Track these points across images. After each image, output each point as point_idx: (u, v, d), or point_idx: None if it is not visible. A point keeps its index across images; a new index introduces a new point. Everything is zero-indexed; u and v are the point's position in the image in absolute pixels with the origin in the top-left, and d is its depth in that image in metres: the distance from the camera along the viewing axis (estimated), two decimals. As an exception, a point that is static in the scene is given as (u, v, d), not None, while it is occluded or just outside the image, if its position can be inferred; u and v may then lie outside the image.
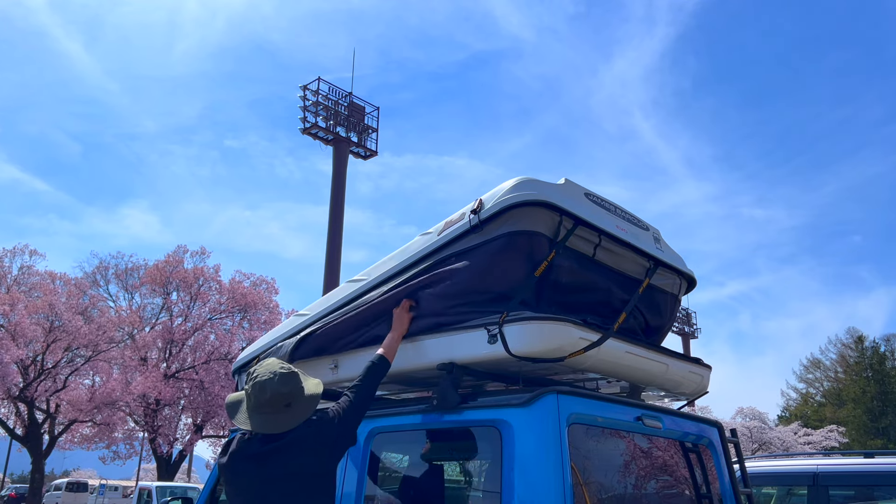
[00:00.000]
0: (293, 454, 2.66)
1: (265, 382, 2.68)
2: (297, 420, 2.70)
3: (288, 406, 2.70)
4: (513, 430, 2.64)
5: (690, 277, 3.66)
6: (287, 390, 2.69)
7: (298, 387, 2.74)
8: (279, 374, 2.71)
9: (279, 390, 2.68)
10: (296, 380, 2.74)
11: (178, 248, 29.44)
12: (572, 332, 2.78)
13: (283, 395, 2.68)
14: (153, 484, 22.92)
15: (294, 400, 2.71)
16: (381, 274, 3.37)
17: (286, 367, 2.77)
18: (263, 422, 2.69)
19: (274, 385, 2.68)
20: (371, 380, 2.96)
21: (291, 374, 2.74)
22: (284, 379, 2.71)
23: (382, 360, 3.02)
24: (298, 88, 28.42)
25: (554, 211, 2.94)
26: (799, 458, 6.05)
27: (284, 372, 2.73)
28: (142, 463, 34.27)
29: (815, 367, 56.54)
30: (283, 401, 2.69)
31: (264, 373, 2.72)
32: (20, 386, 24.12)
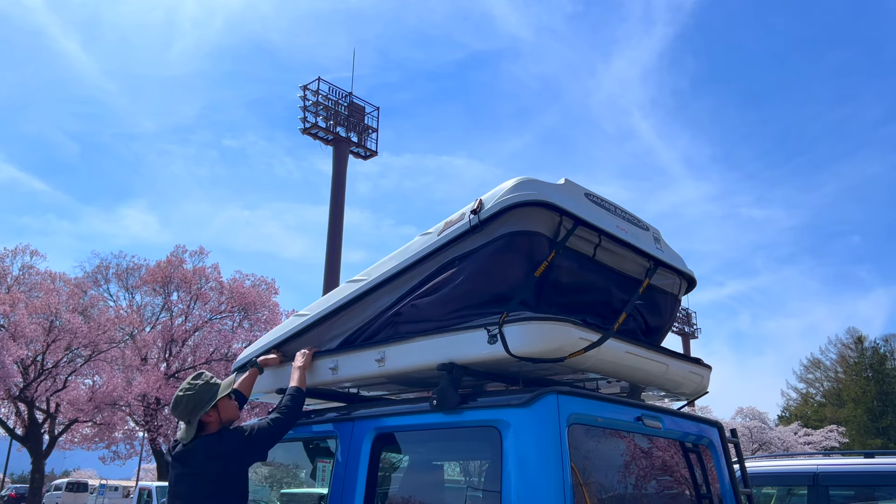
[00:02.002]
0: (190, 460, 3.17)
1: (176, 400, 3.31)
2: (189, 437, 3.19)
3: (188, 423, 3.21)
4: (513, 431, 2.64)
5: (690, 277, 3.66)
6: (177, 412, 3.25)
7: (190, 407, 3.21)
8: (174, 398, 3.27)
9: (174, 413, 3.27)
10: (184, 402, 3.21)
11: (178, 247, 29.47)
12: (572, 333, 2.78)
13: (177, 417, 3.27)
14: (153, 484, 22.94)
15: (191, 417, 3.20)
16: (381, 274, 3.37)
17: (185, 388, 3.24)
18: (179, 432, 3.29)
19: (171, 407, 3.33)
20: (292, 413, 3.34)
21: (182, 397, 3.22)
22: (174, 403, 3.25)
23: (298, 390, 3.42)
24: (298, 88, 28.46)
25: (554, 211, 2.94)
26: (799, 458, 6.05)
27: (178, 395, 3.24)
28: (142, 463, 34.28)
29: (815, 367, 56.58)
30: (183, 419, 3.25)
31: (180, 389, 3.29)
32: (20, 386, 24.13)
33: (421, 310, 3.14)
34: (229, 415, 3.30)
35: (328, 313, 3.61)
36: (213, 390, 3.25)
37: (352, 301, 3.50)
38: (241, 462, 3.21)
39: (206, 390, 3.24)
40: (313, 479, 4.30)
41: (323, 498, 3.35)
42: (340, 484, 3.18)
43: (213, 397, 3.23)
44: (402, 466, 3.55)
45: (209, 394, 3.23)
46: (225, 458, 3.14)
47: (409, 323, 3.22)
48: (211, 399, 3.22)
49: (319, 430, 3.57)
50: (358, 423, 3.26)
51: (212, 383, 3.28)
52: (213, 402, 3.22)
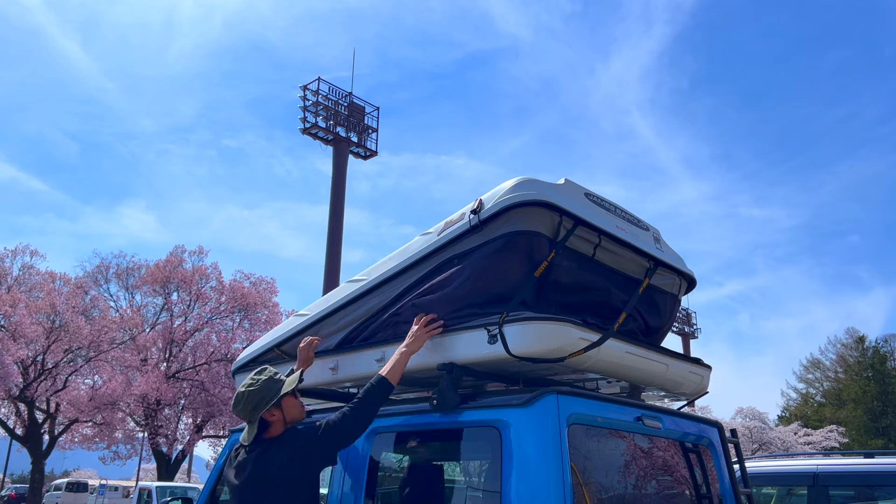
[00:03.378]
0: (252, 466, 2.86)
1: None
2: (251, 437, 2.92)
3: (251, 422, 2.94)
4: (513, 431, 2.64)
5: (690, 277, 3.66)
6: (238, 410, 2.97)
7: (251, 405, 2.93)
8: (236, 395, 3.00)
9: (235, 412, 2.98)
10: (246, 399, 2.95)
11: (177, 247, 29.45)
12: (572, 333, 2.78)
13: (240, 415, 2.97)
14: (153, 484, 22.92)
15: (252, 416, 2.93)
16: (381, 274, 3.37)
17: (246, 384, 2.98)
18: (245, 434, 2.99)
19: (232, 406, 3.05)
20: (368, 407, 2.89)
21: (244, 393, 2.95)
22: (236, 401, 2.98)
23: (383, 382, 2.92)
24: (297, 88, 28.46)
25: (554, 211, 2.94)
26: (799, 458, 6.05)
27: (240, 392, 2.98)
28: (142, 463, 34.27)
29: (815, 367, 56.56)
30: (245, 419, 2.97)
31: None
32: (20, 386, 24.12)
33: (421, 309, 3.13)
34: (293, 414, 2.99)
35: (328, 313, 3.61)
36: (276, 386, 2.96)
37: (352, 301, 3.50)
38: (309, 466, 2.85)
39: (270, 386, 2.95)
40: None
41: (323, 498, 3.35)
42: (340, 484, 3.18)
43: (276, 394, 2.93)
44: (402, 466, 3.55)
45: (273, 390, 2.94)
46: (292, 463, 2.80)
47: (409, 323, 3.22)
48: (275, 396, 2.92)
49: (319, 430, 3.56)
50: (358, 423, 3.25)
51: (276, 379, 2.99)
52: (277, 399, 2.91)
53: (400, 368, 2.96)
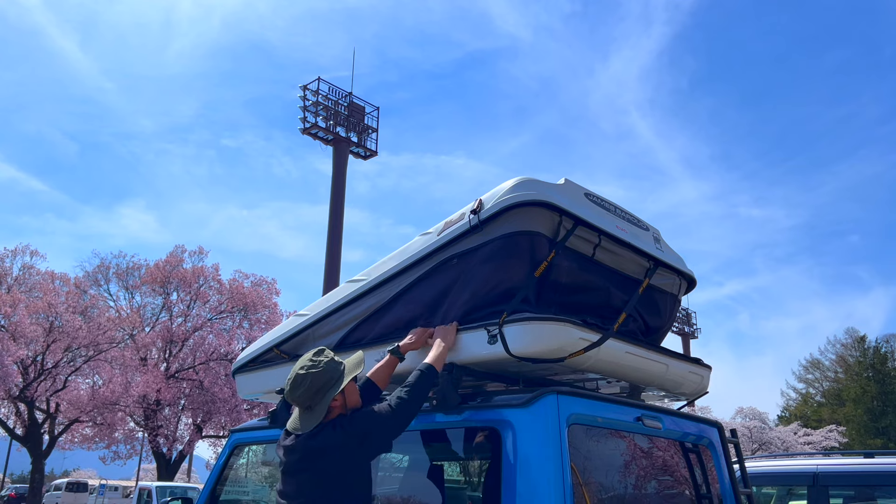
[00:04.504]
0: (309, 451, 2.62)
1: (284, 384, 2.68)
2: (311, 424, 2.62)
3: (308, 409, 2.63)
4: (513, 431, 2.64)
5: (690, 277, 3.66)
6: (297, 394, 2.64)
7: (316, 388, 2.62)
8: (293, 377, 2.66)
9: (291, 396, 2.66)
10: (308, 382, 2.62)
11: (177, 247, 29.46)
12: (572, 333, 2.78)
13: (295, 400, 2.65)
14: (153, 484, 22.93)
15: (312, 401, 2.63)
16: (381, 274, 3.37)
17: (306, 366, 2.66)
18: (292, 422, 2.70)
19: (287, 390, 2.68)
20: (419, 393, 2.76)
21: (305, 375, 2.63)
22: (294, 383, 2.65)
23: (431, 370, 2.82)
24: (297, 88, 28.47)
25: (554, 211, 2.94)
26: (799, 458, 6.05)
27: (300, 374, 2.65)
28: (142, 463, 34.28)
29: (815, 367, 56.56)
30: (300, 404, 2.65)
31: (291, 371, 2.70)
32: (20, 386, 24.12)
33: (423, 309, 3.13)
34: (353, 400, 2.74)
35: (328, 313, 3.60)
36: (340, 369, 2.71)
37: (352, 301, 3.50)
38: (367, 450, 2.66)
39: (334, 369, 2.69)
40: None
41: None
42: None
43: (341, 377, 2.68)
44: (402, 466, 3.55)
45: (337, 373, 2.69)
46: (348, 446, 2.60)
47: (409, 323, 3.22)
48: (340, 379, 2.68)
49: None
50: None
51: (337, 361, 2.75)
52: (344, 383, 2.67)
53: (442, 359, 2.88)
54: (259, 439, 3.93)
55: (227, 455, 3.99)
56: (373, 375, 3.06)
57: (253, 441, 3.96)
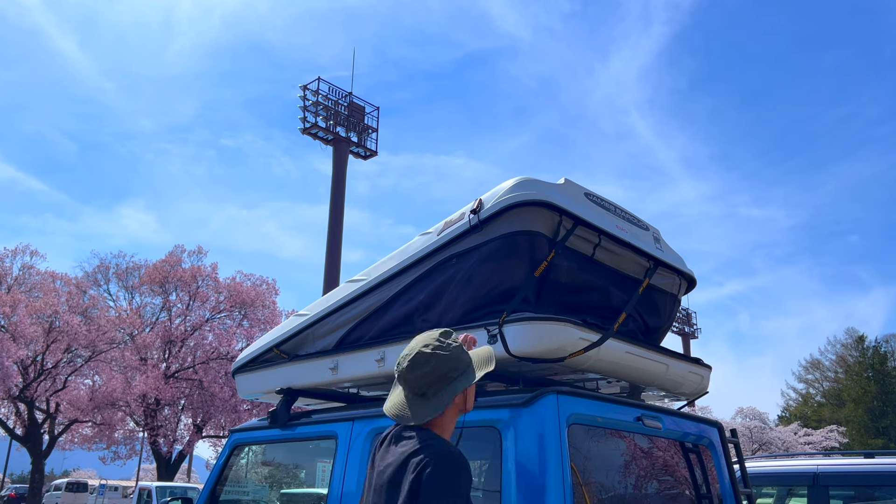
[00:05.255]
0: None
1: (399, 361, 2.19)
2: (426, 415, 2.15)
3: (422, 396, 2.16)
4: (513, 431, 2.64)
5: (690, 277, 3.66)
6: (413, 376, 2.16)
7: (440, 374, 2.15)
8: (415, 354, 2.17)
9: (404, 375, 2.17)
10: (437, 364, 2.15)
11: (176, 247, 29.49)
12: (572, 333, 2.78)
13: (408, 381, 2.17)
14: (153, 484, 22.93)
15: (430, 389, 2.15)
16: (380, 274, 3.37)
17: (433, 345, 2.18)
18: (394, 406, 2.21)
19: (400, 367, 2.18)
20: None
21: (430, 355, 2.16)
22: (416, 361, 2.15)
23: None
24: (296, 87, 28.57)
25: (554, 211, 2.94)
26: (799, 458, 6.05)
27: (424, 352, 2.16)
28: (142, 463, 34.28)
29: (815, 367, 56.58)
30: (414, 388, 2.16)
31: (408, 347, 2.22)
32: (20, 386, 24.13)
33: (423, 308, 3.13)
34: (471, 404, 2.28)
35: (328, 313, 3.61)
36: (466, 360, 2.23)
37: (352, 301, 3.50)
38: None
39: (461, 357, 2.21)
40: (313, 480, 4.30)
41: (323, 498, 3.35)
42: (340, 484, 3.18)
43: (469, 369, 2.22)
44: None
45: (463, 363, 2.21)
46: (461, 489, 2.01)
47: (409, 322, 3.22)
48: (467, 371, 2.22)
49: (319, 430, 3.56)
50: (358, 423, 3.26)
51: (464, 349, 2.26)
52: (478, 376, 2.23)
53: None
54: (259, 439, 3.93)
55: (227, 455, 3.99)
56: None
57: (253, 441, 3.96)
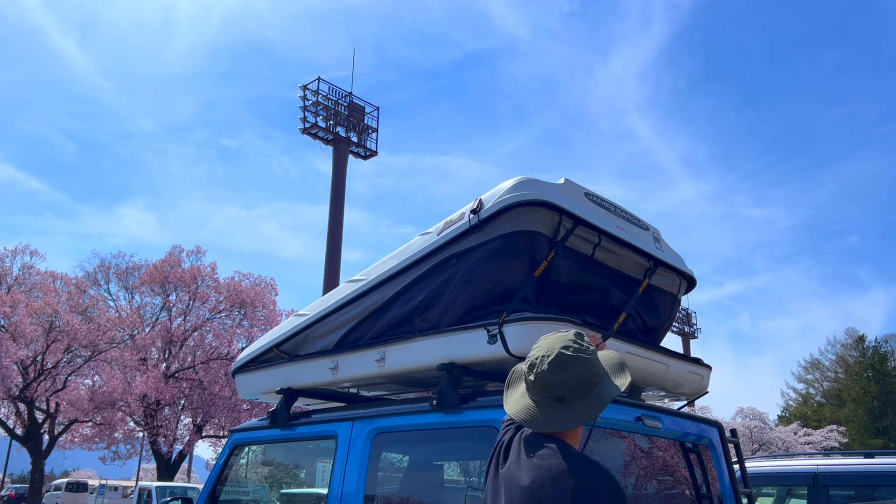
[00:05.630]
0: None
1: (535, 362, 2.04)
2: (568, 422, 2.00)
3: (560, 401, 2.01)
4: (513, 431, 2.63)
5: (690, 277, 3.66)
6: (558, 380, 2.00)
7: (584, 378, 2.01)
8: (556, 356, 2.01)
9: (547, 378, 2.00)
10: (580, 368, 2.01)
11: (175, 247, 29.48)
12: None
13: (551, 385, 2.01)
14: (153, 484, 22.92)
15: (571, 394, 2.00)
16: (380, 274, 3.37)
17: (574, 348, 2.03)
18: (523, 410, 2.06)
19: (541, 368, 2.01)
20: None
21: (574, 358, 2.01)
22: (560, 364, 1.99)
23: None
24: (295, 87, 28.64)
25: (554, 211, 2.94)
26: (799, 458, 6.05)
27: (566, 354, 2.01)
28: (142, 463, 34.28)
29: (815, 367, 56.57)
30: (554, 392, 2.01)
31: (543, 347, 2.06)
32: (20, 386, 24.13)
33: (423, 308, 3.13)
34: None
35: (328, 313, 3.61)
36: (602, 370, 2.08)
37: (352, 301, 3.50)
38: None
39: (599, 363, 2.08)
40: (313, 479, 4.30)
41: (323, 498, 3.35)
42: (340, 484, 3.18)
43: (607, 377, 2.08)
44: (401, 466, 3.55)
45: (602, 369, 2.08)
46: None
47: (408, 322, 3.22)
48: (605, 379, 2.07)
49: (319, 430, 3.56)
50: (358, 423, 3.26)
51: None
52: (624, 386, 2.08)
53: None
54: (259, 439, 3.93)
55: (227, 455, 3.99)
56: None
57: (253, 441, 3.96)
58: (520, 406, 2.08)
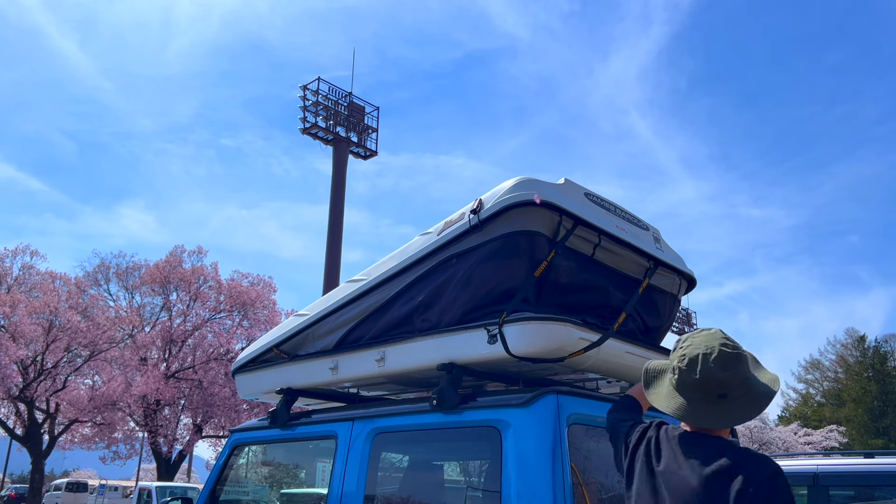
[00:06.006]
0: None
1: (697, 358, 2.06)
2: (731, 419, 2.04)
3: (722, 397, 2.04)
4: (513, 430, 2.64)
5: (690, 277, 3.66)
6: (725, 376, 2.03)
7: (745, 375, 2.06)
8: (719, 353, 2.05)
9: (714, 374, 2.03)
10: (742, 365, 2.06)
11: (177, 247, 29.49)
12: (572, 333, 2.78)
13: (717, 382, 2.03)
14: (153, 484, 22.92)
15: (733, 391, 2.04)
16: (380, 274, 3.37)
17: (731, 345, 2.08)
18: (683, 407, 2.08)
19: (708, 365, 2.04)
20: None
21: (737, 355, 2.05)
22: (726, 360, 2.03)
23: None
24: (295, 87, 28.66)
25: (554, 211, 2.94)
26: (799, 458, 6.04)
27: (728, 352, 2.05)
28: (142, 463, 34.28)
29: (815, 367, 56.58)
30: (716, 388, 2.04)
31: (699, 345, 2.09)
32: (20, 386, 24.13)
33: (423, 307, 3.13)
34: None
35: (328, 313, 3.61)
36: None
37: (352, 301, 3.50)
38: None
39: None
40: (313, 479, 4.30)
41: (323, 498, 3.35)
42: (340, 484, 3.18)
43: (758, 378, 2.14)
44: (401, 466, 3.55)
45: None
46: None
47: (408, 322, 3.22)
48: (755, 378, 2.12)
49: (319, 430, 3.57)
50: (358, 423, 3.26)
51: None
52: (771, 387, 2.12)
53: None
54: (259, 439, 3.93)
55: (227, 455, 3.99)
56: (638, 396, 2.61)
57: (253, 441, 3.96)
58: (677, 403, 2.11)
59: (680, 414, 2.09)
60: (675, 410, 2.10)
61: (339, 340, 3.56)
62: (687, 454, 2.02)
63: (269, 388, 3.91)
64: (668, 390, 2.16)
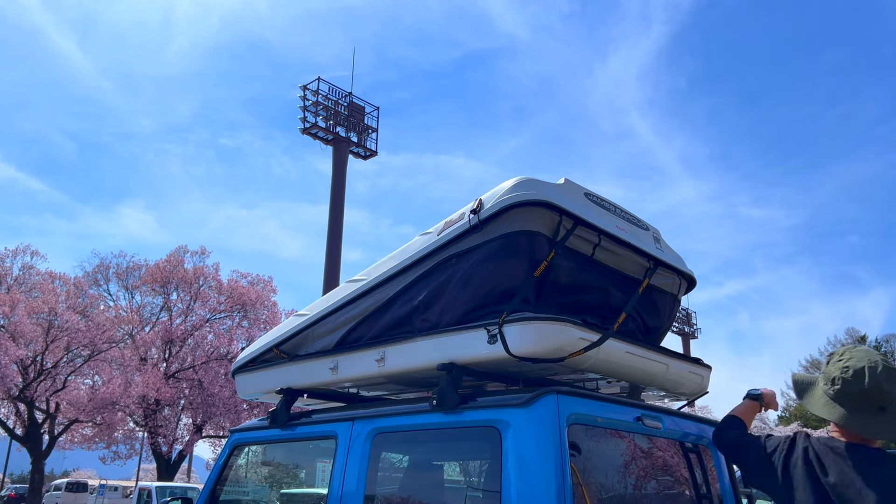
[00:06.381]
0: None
1: (864, 370, 2.18)
2: (890, 431, 2.19)
3: (882, 409, 2.19)
4: (513, 430, 2.64)
5: (690, 277, 3.66)
6: (890, 388, 2.17)
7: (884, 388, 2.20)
8: (884, 366, 2.21)
9: (881, 385, 2.17)
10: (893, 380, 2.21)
11: (179, 248, 29.48)
12: (572, 333, 2.78)
13: (882, 393, 2.18)
14: (153, 484, 22.92)
15: (892, 404, 2.19)
16: (380, 274, 3.37)
17: (887, 360, 2.26)
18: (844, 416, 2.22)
19: (875, 376, 2.18)
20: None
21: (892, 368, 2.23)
22: (891, 374, 2.19)
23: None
24: (295, 87, 28.67)
25: (554, 211, 2.94)
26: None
27: (890, 367, 2.22)
28: (142, 463, 34.28)
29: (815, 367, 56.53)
30: (879, 400, 2.18)
31: (861, 358, 2.24)
32: (20, 386, 24.13)
33: (423, 307, 3.13)
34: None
35: (328, 313, 3.61)
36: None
37: (352, 301, 3.50)
38: None
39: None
40: (313, 480, 4.30)
41: (323, 498, 3.35)
42: (340, 484, 3.18)
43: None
44: (401, 466, 3.56)
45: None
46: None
47: (408, 322, 3.22)
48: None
49: (319, 430, 3.57)
50: (357, 423, 3.26)
51: None
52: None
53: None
54: (259, 439, 3.93)
55: (227, 455, 3.99)
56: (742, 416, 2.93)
57: (253, 441, 3.96)
58: (839, 413, 2.25)
59: (843, 423, 2.22)
60: (839, 419, 2.23)
61: (339, 340, 3.56)
62: (857, 467, 2.15)
63: (269, 388, 3.91)
64: (825, 400, 2.28)
